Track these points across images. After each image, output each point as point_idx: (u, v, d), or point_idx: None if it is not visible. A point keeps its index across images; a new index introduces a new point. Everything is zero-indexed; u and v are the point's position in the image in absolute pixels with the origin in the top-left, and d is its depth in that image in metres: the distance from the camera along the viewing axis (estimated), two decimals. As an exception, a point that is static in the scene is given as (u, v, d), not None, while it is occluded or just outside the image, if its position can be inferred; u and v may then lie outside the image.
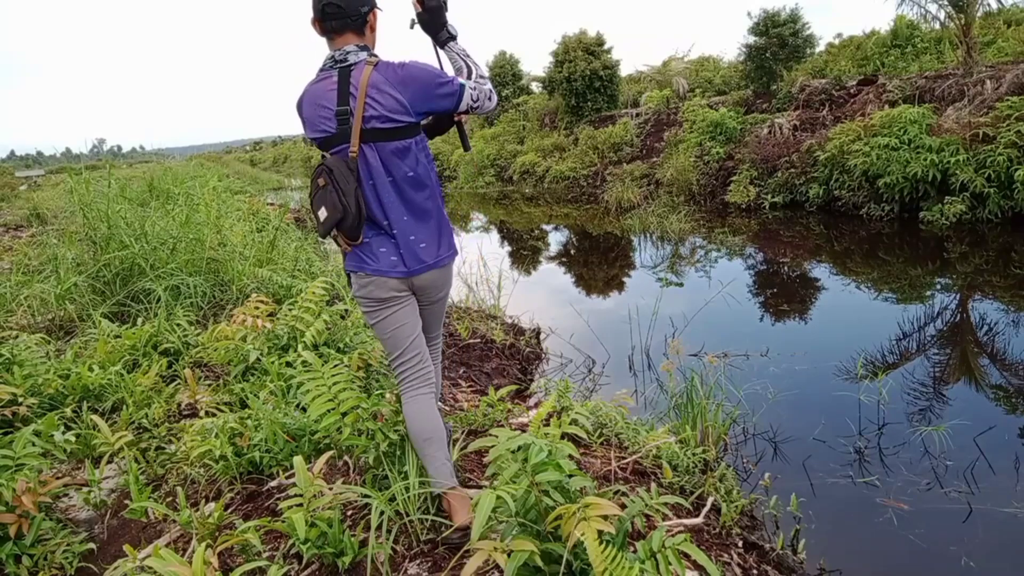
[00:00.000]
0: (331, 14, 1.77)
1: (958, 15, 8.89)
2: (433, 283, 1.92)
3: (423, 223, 1.86)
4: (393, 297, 1.88)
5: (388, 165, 1.81)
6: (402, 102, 1.76)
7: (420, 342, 1.94)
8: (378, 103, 1.75)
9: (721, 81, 15.03)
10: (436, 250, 1.89)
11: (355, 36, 1.81)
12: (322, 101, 1.79)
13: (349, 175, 1.76)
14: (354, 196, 1.76)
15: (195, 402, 2.88)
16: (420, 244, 1.86)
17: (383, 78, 1.76)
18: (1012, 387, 3.58)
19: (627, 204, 11.04)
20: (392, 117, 1.76)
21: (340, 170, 1.76)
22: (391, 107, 1.76)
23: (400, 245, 1.84)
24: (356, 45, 1.80)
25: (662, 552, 1.45)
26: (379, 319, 1.90)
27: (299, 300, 3.35)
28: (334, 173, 1.76)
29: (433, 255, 1.88)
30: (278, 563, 1.71)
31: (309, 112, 1.83)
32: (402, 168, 1.81)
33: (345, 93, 1.76)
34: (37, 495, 1.94)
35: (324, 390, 1.99)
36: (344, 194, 1.75)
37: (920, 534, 2.39)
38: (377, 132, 1.77)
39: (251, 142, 62.42)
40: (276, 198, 13.49)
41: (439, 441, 1.88)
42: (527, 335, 4.70)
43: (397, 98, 1.76)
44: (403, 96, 1.76)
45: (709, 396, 2.92)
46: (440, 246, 1.90)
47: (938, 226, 7.39)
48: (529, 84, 20.74)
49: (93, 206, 4.61)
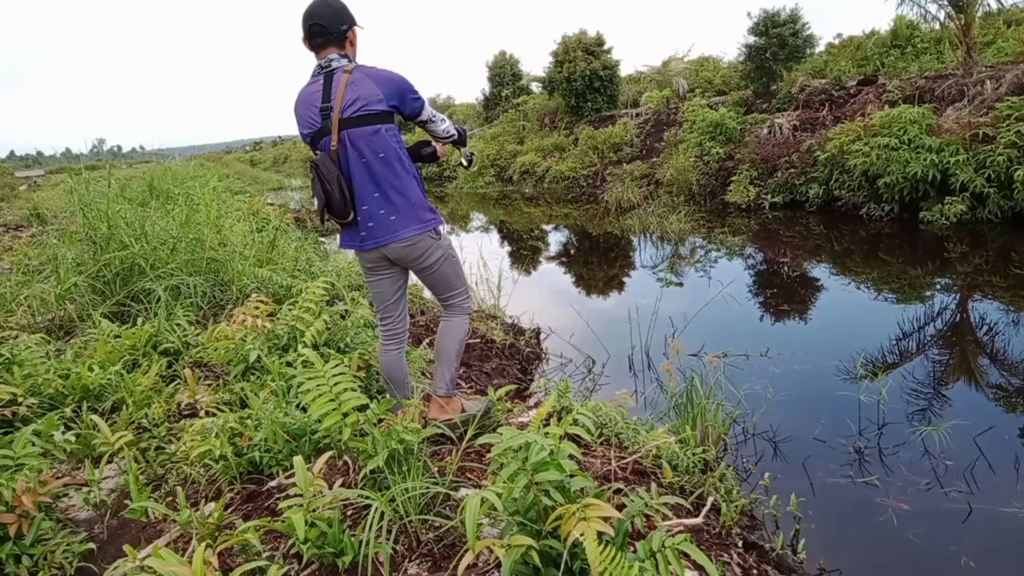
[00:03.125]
0: (316, 32, 2.15)
1: (958, 15, 8.89)
2: (408, 254, 2.24)
3: (393, 200, 2.17)
4: (373, 268, 2.31)
5: (360, 148, 2.13)
6: (377, 93, 2.11)
7: (393, 309, 2.40)
8: (355, 95, 2.10)
9: (721, 81, 15.03)
10: (405, 223, 2.19)
11: (336, 49, 2.18)
12: (311, 101, 2.16)
13: (331, 165, 2.11)
14: (336, 183, 2.10)
15: (195, 402, 2.88)
16: (391, 217, 2.17)
17: (361, 75, 2.12)
18: (1012, 387, 3.58)
19: (627, 204, 11.05)
20: (366, 105, 2.10)
21: (324, 163, 2.11)
22: (367, 95, 2.10)
23: (370, 219, 2.18)
24: (338, 54, 2.17)
25: (662, 552, 1.45)
26: (367, 282, 2.39)
27: (299, 300, 3.35)
28: (319, 167, 2.11)
29: (402, 227, 2.18)
30: (278, 563, 1.70)
31: (301, 111, 2.20)
32: (373, 149, 2.14)
33: (328, 91, 2.13)
34: (37, 495, 1.94)
35: (325, 390, 1.99)
36: (327, 182, 2.10)
37: (920, 534, 2.39)
38: (352, 120, 2.11)
39: (251, 142, 62.40)
40: (276, 198, 13.51)
41: (400, 382, 2.46)
42: (527, 335, 4.70)
43: (372, 89, 2.11)
44: (380, 88, 2.12)
45: (709, 396, 2.92)
46: (411, 220, 2.20)
47: (938, 226, 7.39)
48: (529, 84, 20.74)
49: (93, 206, 4.60)
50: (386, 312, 2.40)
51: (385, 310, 2.40)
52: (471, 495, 1.45)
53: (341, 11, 2.18)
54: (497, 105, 21.07)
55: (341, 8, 2.19)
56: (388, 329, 2.42)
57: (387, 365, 2.45)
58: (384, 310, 2.40)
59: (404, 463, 1.96)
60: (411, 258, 2.25)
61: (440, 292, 2.40)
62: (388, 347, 2.44)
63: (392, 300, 2.39)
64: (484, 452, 2.40)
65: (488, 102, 21.63)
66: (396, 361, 2.44)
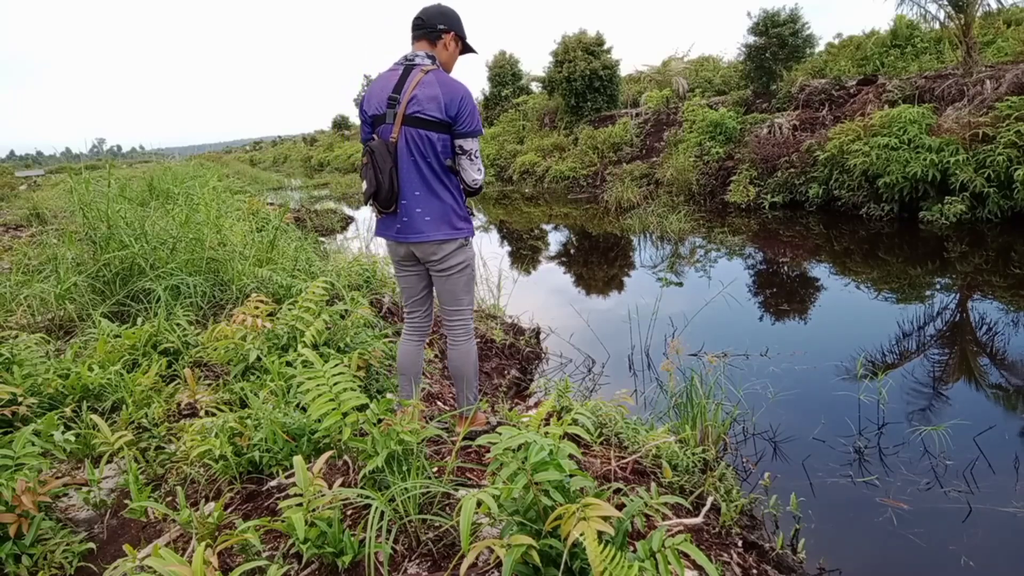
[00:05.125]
0: (417, 24, 2.31)
1: (958, 15, 8.89)
2: (433, 254, 2.32)
3: (432, 202, 2.26)
4: (401, 263, 2.44)
5: (413, 146, 2.22)
6: (441, 102, 2.19)
7: (420, 305, 2.54)
8: (422, 95, 2.19)
9: (721, 81, 15.03)
10: (437, 227, 2.28)
11: (428, 45, 2.31)
12: (386, 85, 2.26)
13: (387, 156, 2.20)
14: (388, 174, 2.20)
15: (195, 402, 2.88)
16: (425, 217, 2.26)
17: (434, 79, 2.21)
18: (1012, 387, 3.58)
19: (627, 204, 11.04)
20: (428, 109, 2.18)
21: (380, 151, 2.20)
22: (431, 99, 2.18)
23: (405, 214, 2.27)
24: (426, 52, 2.29)
25: (662, 552, 1.45)
26: (396, 276, 2.54)
27: (299, 300, 3.34)
28: (375, 154, 2.20)
29: (433, 230, 2.27)
30: (278, 563, 1.70)
31: (374, 92, 2.29)
32: (423, 152, 2.23)
33: (401, 84, 2.23)
34: (37, 495, 1.93)
35: (325, 390, 1.99)
36: (380, 171, 2.19)
37: (920, 534, 2.39)
38: (413, 118, 2.20)
39: (251, 142, 62.40)
40: (276, 198, 13.50)
41: (413, 374, 2.54)
42: (527, 335, 4.70)
43: (438, 98, 2.19)
44: (443, 97, 2.19)
45: (709, 396, 2.92)
46: (443, 224, 2.28)
47: (938, 226, 7.39)
48: (529, 84, 20.75)
49: (93, 206, 4.60)
50: (413, 307, 2.55)
51: (412, 305, 2.54)
52: (467, 496, 1.45)
53: (448, 15, 2.33)
54: (497, 105, 21.07)
55: (450, 12, 2.34)
56: (413, 322, 2.57)
57: (405, 355, 2.56)
58: (411, 305, 2.55)
59: (404, 463, 1.96)
60: (435, 258, 2.33)
61: (446, 302, 2.45)
62: (409, 338, 2.57)
63: (419, 296, 2.52)
64: (484, 452, 2.41)
65: (488, 102, 21.63)
66: (414, 352, 2.56)
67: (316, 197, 16.64)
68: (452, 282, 2.38)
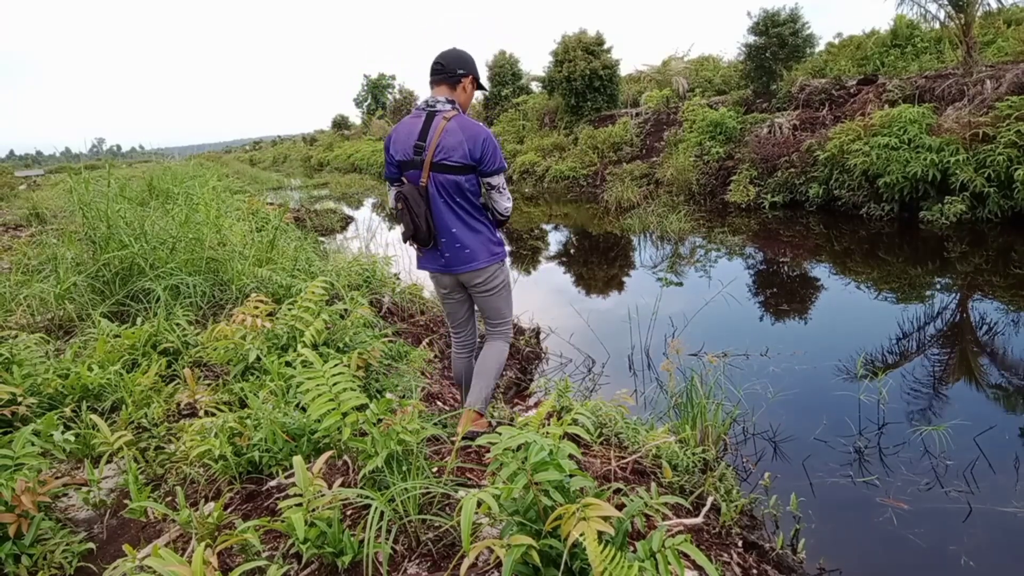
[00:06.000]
0: (436, 69, 2.43)
1: (958, 15, 8.89)
2: (475, 279, 2.55)
3: (469, 235, 2.48)
4: (448, 293, 2.68)
5: (443, 188, 2.40)
6: (465, 148, 2.35)
7: (465, 325, 2.79)
8: (447, 143, 2.34)
9: (721, 81, 15.02)
10: (477, 256, 2.50)
11: (448, 89, 2.45)
12: (411, 132, 2.41)
13: (420, 200, 2.39)
14: (424, 217, 2.39)
15: (194, 402, 2.87)
16: (465, 250, 2.48)
17: (457, 127, 2.36)
18: (1012, 387, 3.58)
19: (627, 204, 11.04)
20: (455, 156, 2.35)
21: (413, 196, 2.38)
22: (456, 146, 2.34)
23: (447, 250, 2.49)
24: (446, 97, 2.42)
25: (662, 552, 1.45)
26: (442, 303, 2.79)
27: (299, 300, 3.34)
28: (409, 199, 2.38)
29: (474, 259, 2.50)
30: (277, 563, 1.70)
31: (400, 138, 2.44)
32: (452, 193, 2.41)
33: (426, 131, 2.37)
34: (36, 495, 1.93)
35: (324, 390, 1.99)
36: (416, 215, 2.39)
37: (920, 534, 2.39)
38: (441, 166, 2.37)
39: (251, 142, 62.40)
40: (276, 197, 13.49)
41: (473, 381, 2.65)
42: (527, 335, 4.70)
43: (462, 144, 2.34)
44: (468, 143, 2.35)
45: (709, 396, 2.92)
46: (482, 253, 2.51)
47: (938, 226, 7.39)
48: (529, 84, 20.75)
49: (93, 206, 4.60)
50: (459, 328, 2.80)
51: (458, 326, 2.80)
52: (467, 496, 1.45)
53: (466, 60, 2.47)
54: (497, 105, 21.07)
55: (467, 58, 2.49)
56: (461, 340, 2.83)
57: (462, 370, 2.84)
58: (457, 327, 2.81)
59: (404, 463, 1.96)
60: (478, 282, 2.57)
61: (491, 317, 2.69)
62: (460, 354, 2.84)
63: (464, 319, 2.78)
64: (484, 452, 2.40)
65: (488, 102, 21.63)
66: (468, 366, 2.82)
67: (316, 197, 16.64)
68: (495, 299, 2.64)
